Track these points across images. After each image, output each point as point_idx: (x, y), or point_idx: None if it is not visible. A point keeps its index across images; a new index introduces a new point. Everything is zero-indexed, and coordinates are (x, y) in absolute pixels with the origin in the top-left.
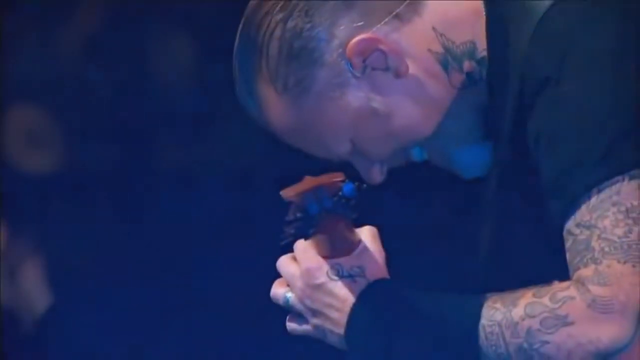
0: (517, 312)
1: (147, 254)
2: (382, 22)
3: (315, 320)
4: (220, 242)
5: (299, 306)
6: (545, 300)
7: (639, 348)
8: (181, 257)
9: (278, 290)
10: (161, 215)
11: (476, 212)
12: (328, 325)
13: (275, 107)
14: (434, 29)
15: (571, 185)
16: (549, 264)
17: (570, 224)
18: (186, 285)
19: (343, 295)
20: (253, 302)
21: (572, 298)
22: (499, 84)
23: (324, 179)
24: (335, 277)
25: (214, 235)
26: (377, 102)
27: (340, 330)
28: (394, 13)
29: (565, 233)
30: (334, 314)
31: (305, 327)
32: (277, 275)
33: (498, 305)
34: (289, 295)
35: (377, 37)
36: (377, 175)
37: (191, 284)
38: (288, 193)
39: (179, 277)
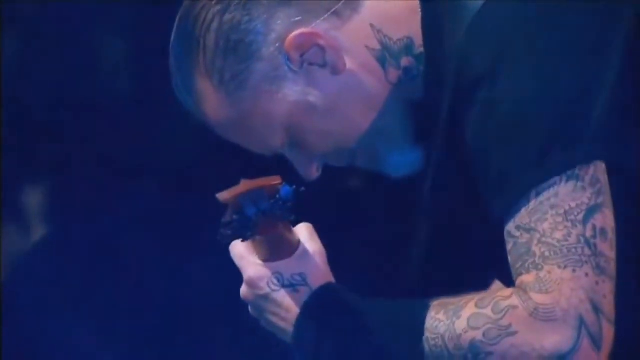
0: (460, 324)
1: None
2: (321, 19)
3: (266, 326)
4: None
5: (251, 312)
6: (488, 311)
7: None
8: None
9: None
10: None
11: (412, 212)
12: (278, 333)
13: (211, 101)
14: (371, 25)
15: (509, 187)
16: (487, 264)
17: (510, 226)
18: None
19: (287, 306)
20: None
21: (515, 307)
22: (435, 79)
23: (261, 181)
24: (277, 287)
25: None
26: (314, 96)
27: (289, 339)
28: (332, 10)
29: (505, 234)
30: (281, 324)
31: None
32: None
33: (441, 316)
34: None
35: (316, 32)
36: (312, 171)
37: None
38: (224, 195)
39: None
